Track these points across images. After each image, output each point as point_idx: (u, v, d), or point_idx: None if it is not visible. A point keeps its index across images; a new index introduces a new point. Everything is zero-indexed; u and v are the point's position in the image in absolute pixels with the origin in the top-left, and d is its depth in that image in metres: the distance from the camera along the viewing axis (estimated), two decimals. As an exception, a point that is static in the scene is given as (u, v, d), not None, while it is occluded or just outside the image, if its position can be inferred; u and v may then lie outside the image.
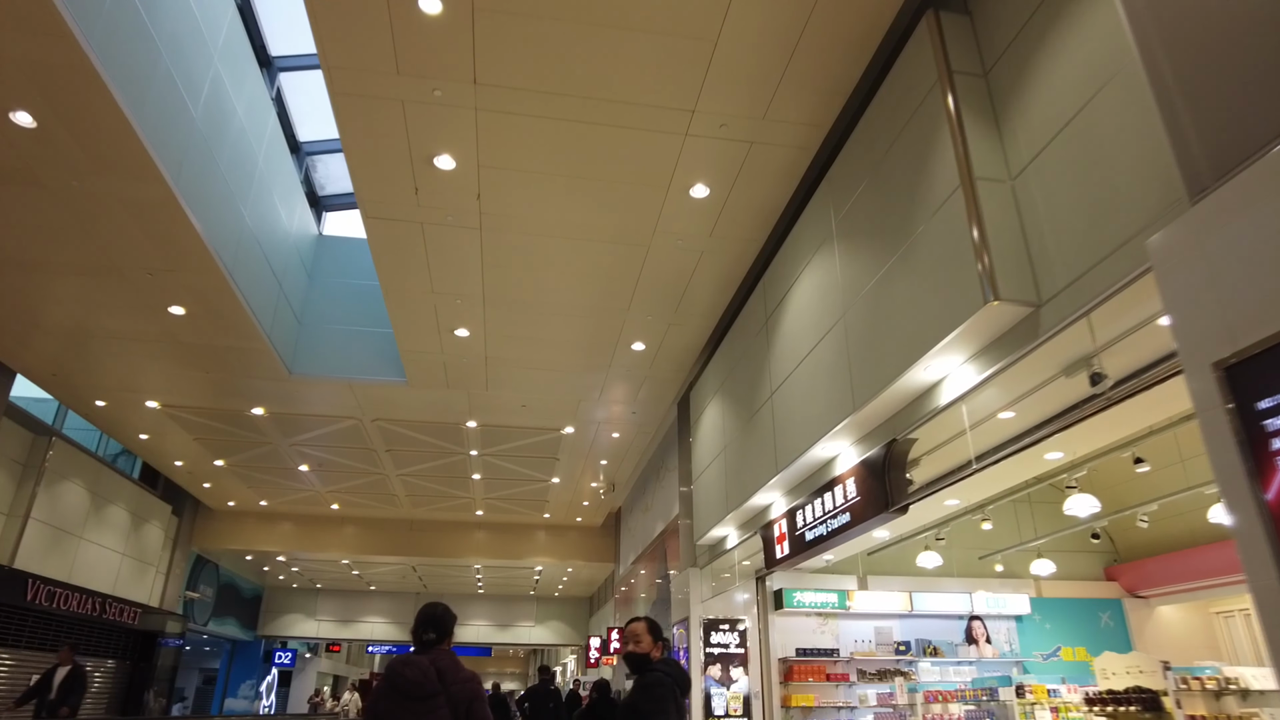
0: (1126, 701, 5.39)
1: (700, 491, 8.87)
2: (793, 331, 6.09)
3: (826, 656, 9.18)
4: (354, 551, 17.06)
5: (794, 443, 5.95)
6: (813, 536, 5.98)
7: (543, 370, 9.49)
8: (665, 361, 9.18)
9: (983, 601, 9.69)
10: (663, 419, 11.37)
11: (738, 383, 7.50)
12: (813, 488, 6.09)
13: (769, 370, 6.58)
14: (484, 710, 3.21)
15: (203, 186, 6.74)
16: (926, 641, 9.48)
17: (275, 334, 9.11)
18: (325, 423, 11.26)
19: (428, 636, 3.27)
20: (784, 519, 6.58)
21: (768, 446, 6.50)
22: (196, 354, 9.13)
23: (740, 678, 8.97)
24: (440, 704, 3.10)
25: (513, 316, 8.11)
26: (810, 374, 5.69)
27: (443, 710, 3.09)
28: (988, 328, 3.81)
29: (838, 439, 5.43)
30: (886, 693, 8.41)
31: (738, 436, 7.40)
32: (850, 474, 5.38)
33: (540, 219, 6.46)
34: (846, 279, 5.15)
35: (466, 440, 11.98)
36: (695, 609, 9.16)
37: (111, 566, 12.77)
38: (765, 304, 6.78)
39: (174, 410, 10.84)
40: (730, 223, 6.49)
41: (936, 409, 4.40)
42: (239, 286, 7.87)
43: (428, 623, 3.30)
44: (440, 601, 3.49)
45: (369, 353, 10.05)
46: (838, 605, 9.37)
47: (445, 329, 8.38)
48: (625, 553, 16.41)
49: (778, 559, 6.70)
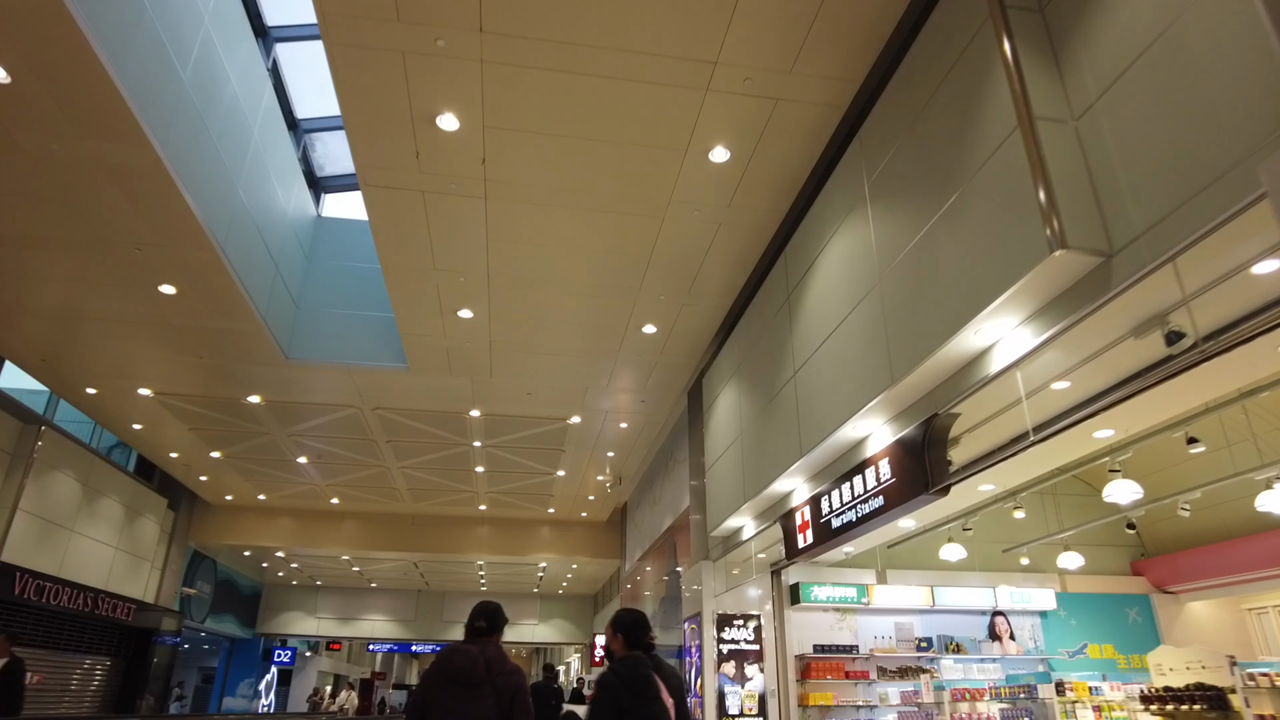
0: (1189, 699, 5.01)
1: (714, 481, 8.50)
2: (818, 305, 5.72)
3: (845, 653, 8.81)
4: (354, 547, 16.70)
5: (820, 424, 5.58)
6: (840, 523, 5.61)
7: (549, 355, 9.12)
8: (677, 346, 8.81)
9: (1006, 596, 9.32)
10: (672, 408, 11.00)
11: (756, 365, 7.13)
12: (839, 472, 5.71)
13: (791, 349, 6.21)
14: (527, 701, 3.31)
15: (193, 155, 6.38)
16: (948, 638, 9.10)
17: (271, 317, 8.75)
18: (324, 411, 10.89)
19: (479, 625, 3.46)
20: (807, 506, 6.21)
21: (790, 429, 6.13)
22: (189, 337, 8.77)
23: (755, 675, 8.61)
24: (487, 692, 3.25)
25: (518, 296, 7.74)
26: (839, 349, 5.32)
27: (488, 699, 3.24)
28: (1050, 283, 3.44)
29: (870, 417, 5.06)
30: (910, 690, 8.03)
31: (756, 421, 7.03)
32: (884, 455, 5.01)
33: (548, 186, 6.09)
34: (882, 243, 4.78)
35: (470, 431, 11.62)
36: (708, 603, 8.79)
37: (104, 561, 12.42)
38: (787, 279, 6.41)
39: (167, 398, 10.48)
40: (751, 190, 6.12)
41: (985, 378, 4.02)
42: (233, 265, 7.51)
43: (482, 615, 3.50)
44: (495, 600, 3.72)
45: (369, 338, 9.69)
46: (856, 600, 9.00)
47: (448, 310, 8.01)
48: (631, 549, 16.05)
49: (800, 549, 6.32)
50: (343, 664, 29.78)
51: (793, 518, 6.53)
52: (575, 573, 19.23)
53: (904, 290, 4.47)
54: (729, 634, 8.69)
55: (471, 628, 3.46)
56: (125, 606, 12.81)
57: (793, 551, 6.49)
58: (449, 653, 3.33)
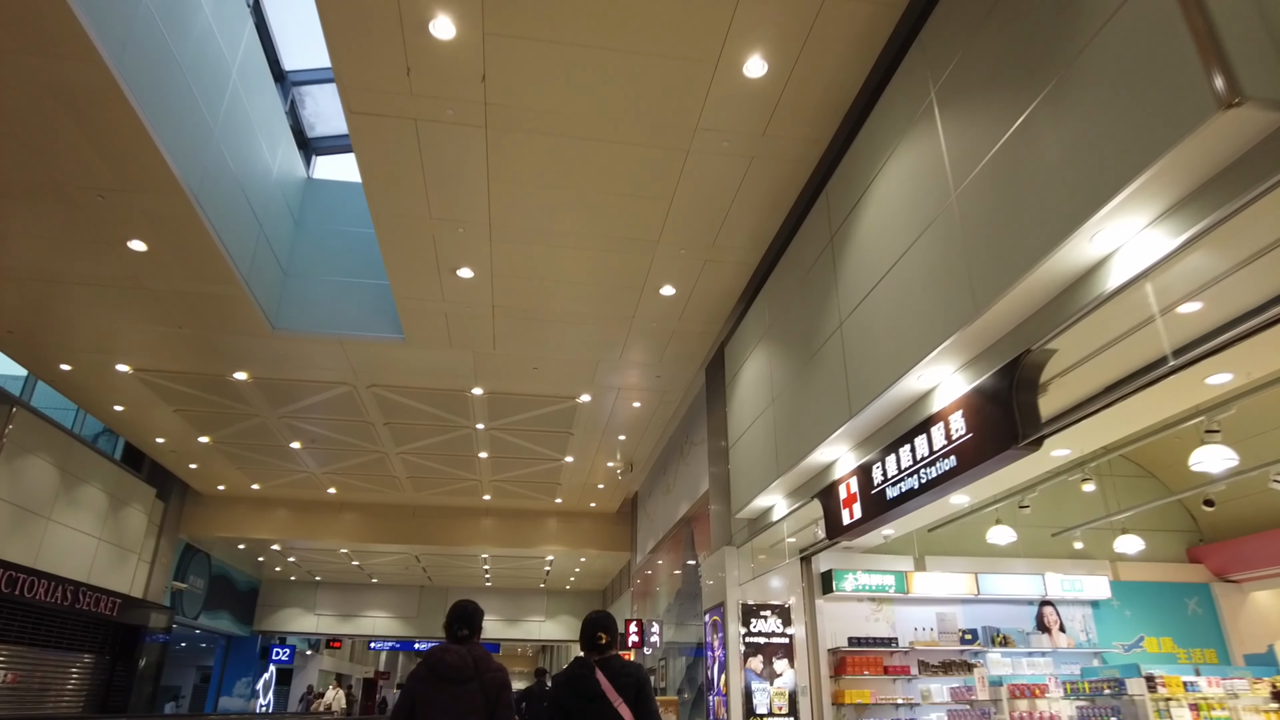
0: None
1: (739, 458, 7.75)
2: (871, 241, 4.97)
3: (883, 646, 8.06)
4: (353, 540, 15.99)
5: (874, 378, 4.82)
6: (896, 493, 4.86)
7: (557, 323, 8.37)
8: (698, 310, 8.05)
9: (1056, 584, 8.55)
10: (689, 386, 10.26)
11: (790, 323, 6.38)
12: (896, 434, 4.95)
13: (836, 297, 5.45)
14: (510, 698, 3.50)
15: (155, 83, 5.65)
16: (994, 629, 8.34)
17: (255, 282, 8.03)
18: (316, 390, 10.17)
19: (461, 633, 3.55)
20: (854, 477, 5.46)
21: (835, 389, 5.38)
22: (167, 303, 8.04)
23: (785, 671, 7.86)
24: (475, 689, 3.43)
25: (523, 252, 7.00)
26: (898, 287, 4.56)
27: (476, 695, 3.42)
28: (1206, 158, 2.68)
29: (939, 364, 4.31)
30: (960, 687, 7.27)
31: (791, 386, 6.28)
32: (956, 407, 4.25)
33: (556, 112, 5.34)
34: (956, 154, 4.02)
35: (472, 411, 10.88)
36: (732, 592, 8.04)
37: (85, 552, 11.72)
38: (829, 219, 5.66)
39: (147, 375, 9.76)
40: (790, 115, 5.36)
41: (1099, 296, 3.26)
42: (208, 217, 6.79)
43: (461, 619, 3.59)
44: (471, 600, 3.77)
45: (362, 307, 8.96)
46: (895, 588, 8.25)
47: (446, 268, 7.27)
48: (643, 540, 15.31)
49: (845, 526, 5.57)
50: (345, 663, 29.08)
51: (835, 492, 5.77)
52: (584, 566, 18.48)
53: (987, 203, 3.71)
54: (755, 626, 7.94)
55: (454, 633, 3.57)
56: (110, 601, 12.11)
57: (836, 530, 5.73)
58: (440, 651, 3.45)
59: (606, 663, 3.53)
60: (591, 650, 3.62)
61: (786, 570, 8.13)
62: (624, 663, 3.60)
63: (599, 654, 3.60)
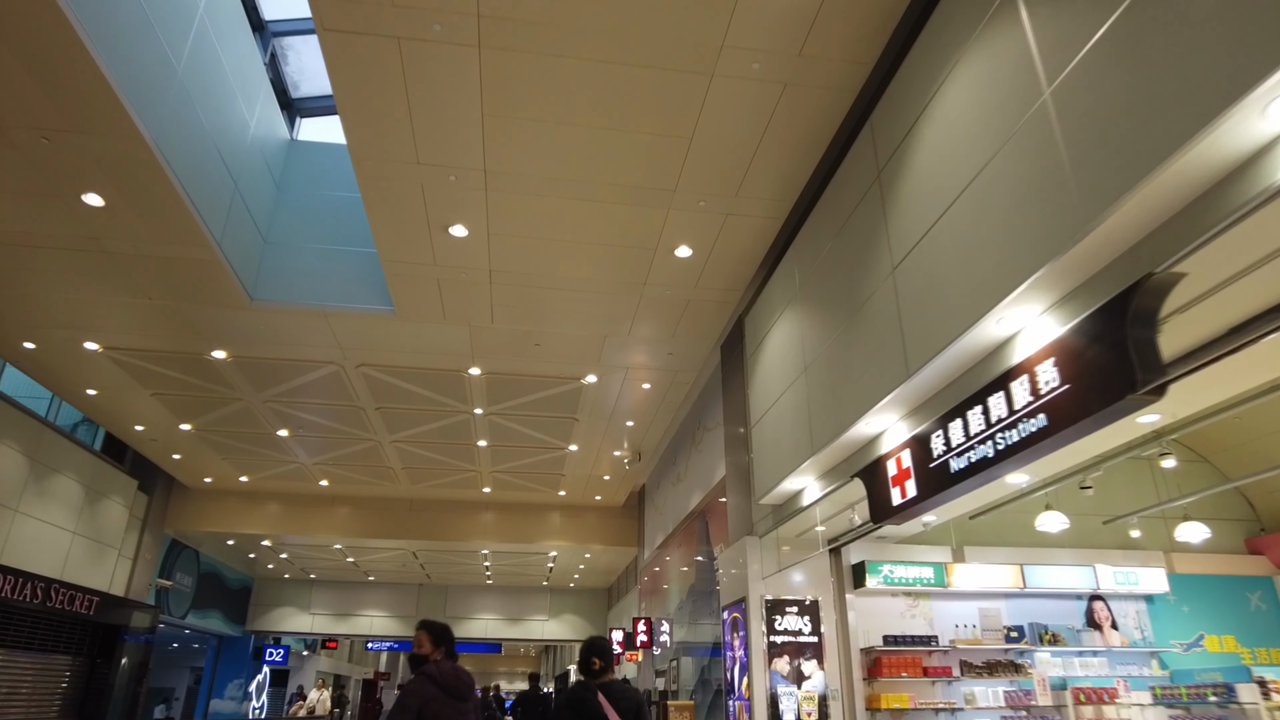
0: None
1: (764, 438, 7.00)
2: (931, 169, 4.23)
3: (922, 645, 7.32)
4: (347, 535, 15.26)
5: (939, 327, 4.08)
6: (962, 465, 4.11)
7: (561, 293, 7.63)
8: (716, 274, 7.30)
9: (1109, 577, 7.80)
10: (702, 366, 9.52)
11: (827, 277, 5.63)
12: (959, 396, 4.21)
13: (885, 240, 4.71)
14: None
15: (101, 3, 4.93)
16: (1041, 626, 7.60)
17: (230, 246, 7.31)
18: (301, 370, 9.44)
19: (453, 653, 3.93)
20: (906, 450, 4.71)
21: (887, 348, 4.64)
22: (132, 270, 7.32)
23: (814, 673, 7.12)
24: (470, 706, 3.78)
25: (522, 203, 6.26)
26: (970, 216, 3.82)
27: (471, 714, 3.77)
28: None
29: (1024, 303, 3.57)
30: (1014, 690, 6.52)
31: (828, 351, 5.54)
32: (1047, 354, 3.51)
33: (560, 23, 4.59)
34: (1050, 40, 3.28)
35: (470, 394, 10.15)
36: (754, 587, 7.29)
37: (59, 547, 11.01)
38: (875, 153, 4.92)
39: (119, 353, 9.04)
40: (830, 29, 4.62)
41: (1266, 191, 2.52)
42: (171, 167, 6.06)
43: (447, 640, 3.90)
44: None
45: (350, 277, 8.23)
46: (934, 581, 7.51)
47: (437, 224, 6.54)
48: (650, 534, 14.58)
49: (895, 507, 4.82)
50: (343, 663, 28.36)
51: (881, 469, 5.02)
52: (588, 563, 17.75)
53: (1099, 89, 2.97)
54: (782, 624, 7.21)
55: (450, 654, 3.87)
56: (86, 599, 11.38)
57: (883, 512, 4.98)
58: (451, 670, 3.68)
59: (608, 686, 3.81)
60: (587, 674, 3.92)
61: (814, 562, 7.40)
62: (624, 686, 3.91)
63: (594, 678, 3.89)
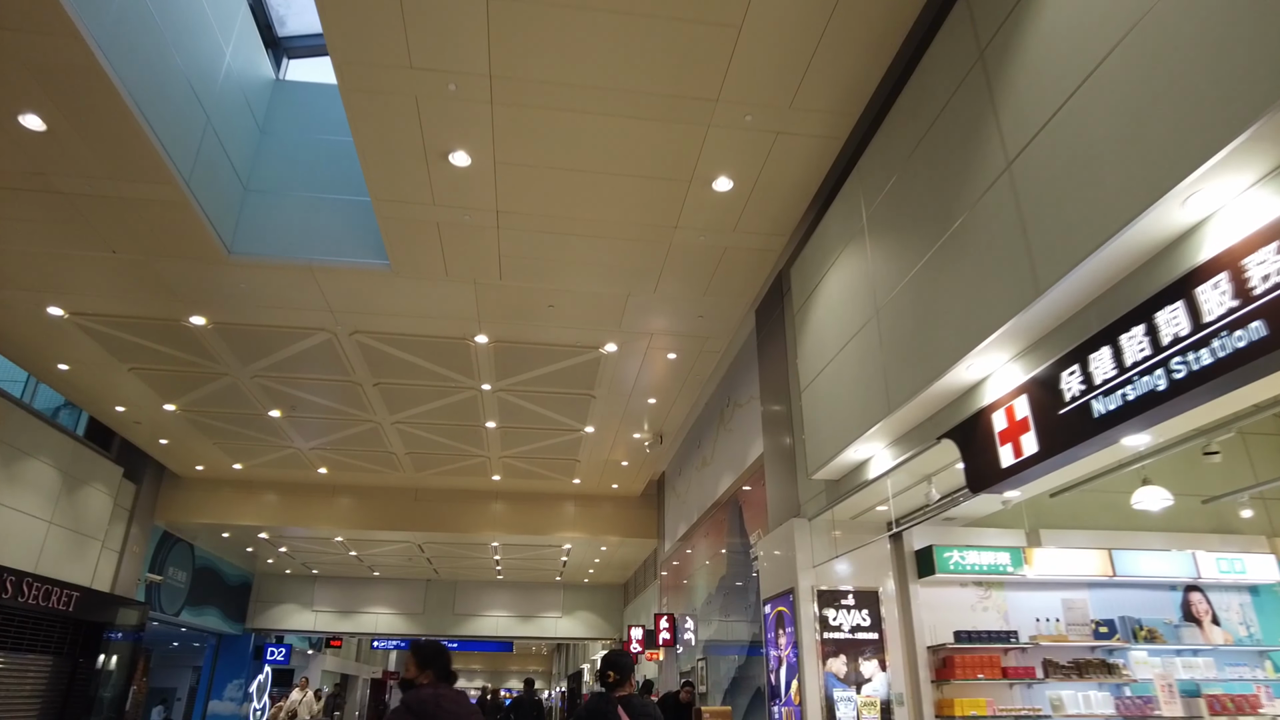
0: None
1: (818, 403, 6.02)
2: (1062, 27, 3.24)
3: (1000, 641, 6.32)
4: (349, 527, 14.36)
5: (1087, 224, 3.09)
6: (1113, 407, 3.12)
7: (579, 237, 6.66)
8: (760, 212, 6.31)
9: (1211, 565, 6.78)
10: (735, 332, 8.55)
11: (908, 196, 4.64)
12: (1103, 320, 3.23)
13: (996, 131, 3.72)
14: None
15: None
16: (1134, 621, 6.61)
17: (203, 188, 6.38)
18: (289, 338, 8.51)
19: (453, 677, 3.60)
20: (1023, 395, 3.72)
21: (1002, 263, 3.65)
22: (89, 215, 6.40)
23: (875, 674, 6.17)
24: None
25: (535, 120, 5.29)
26: (1136, 68, 2.84)
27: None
28: None
29: (1231, 170, 2.59)
30: (1128, 698, 5.53)
31: (909, 285, 4.55)
32: (1263, 239, 2.53)
33: None
34: None
35: (476, 366, 9.20)
36: (803, 576, 6.33)
37: (31, 537, 10.13)
38: (975, 29, 3.93)
39: (87, 319, 8.13)
40: None
41: None
42: (123, 81, 5.13)
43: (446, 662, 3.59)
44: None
45: (340, 229, 7.30)
46: (1011, 568, 6.52)
47: (435, 151, 5.58)
48: (672, 525, 13.61)
49: (1005, 469, 3.83)
50: (350, 663, 27.55)
51: (985, 424, 4.04)
52: (604, 556, 16.79)
53: None
54: (836, 618, 6.26)
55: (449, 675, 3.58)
56: (64, 594, 10.50)
57: (988, 476, 3.99)
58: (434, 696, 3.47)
59: (627, 700, 3.75)
60: (605, 687, 3.87)
61: (871, 549, 6.44)
62: (643, 701, 3.84)
63: (611, 690, 3.83)
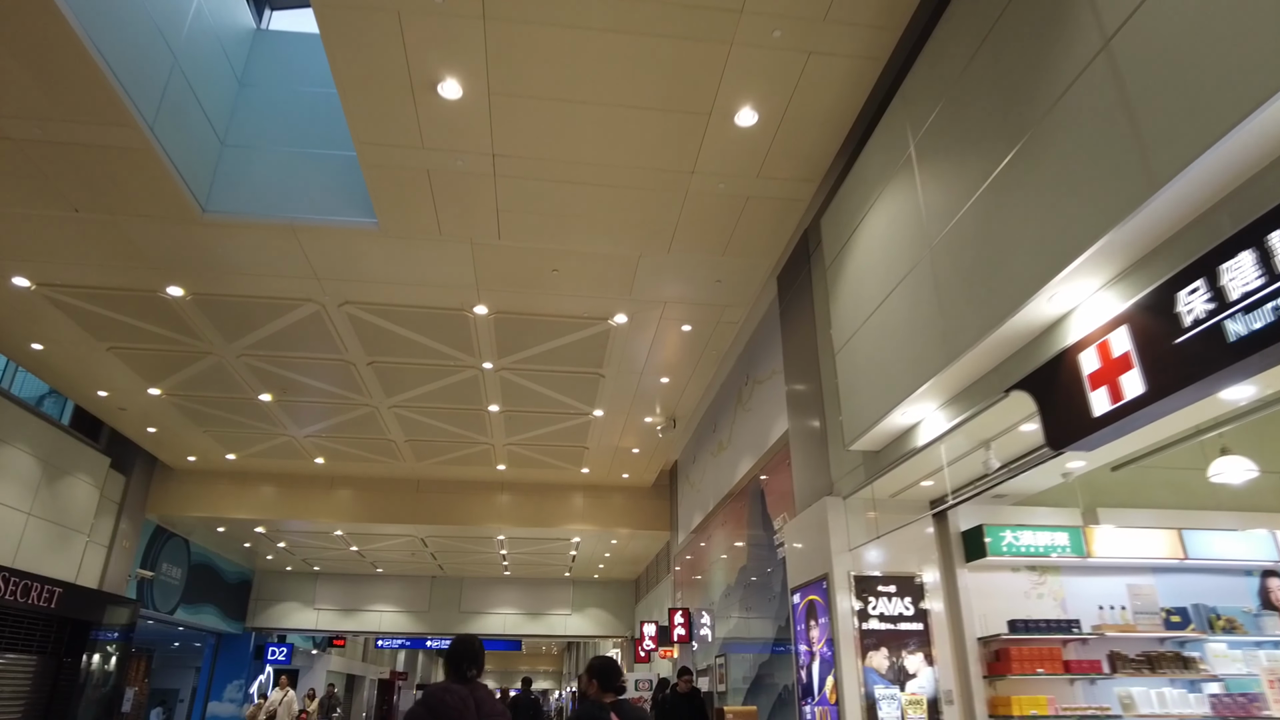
0: None
1: (857, 362, 5.36)
2: None
3: (1060, 631, 5.66)
4: (349, 519, 13.77)
5: (1221, 95, 2.44)
6: (1263, 324, 2.46)
7: (585, 185, 6.02)
8: (787, 154, 5.65)
9: (1292, 546, 6.09)
10: (755, 301, 7.91)
11: (969, 104, 3.95)
12: (1238, 223, 2.57)
13: (1090, 4, 3.07)
14: None
15: None
16: (1209, 608, 5.93)
17: (171, 136, 5.78)
18: (274, 310, 7.91)
19: (470, 672, 3.32)
20: (1123, 325, 3.07)
21: (1099, 162, 2.99)
22: (45, 165, 5.80)
23: (920, 669, 5.52)
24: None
25: (534, 39, 4.65)
26: None
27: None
28: None
29: None
30: (1225, 698, 4.87)
31: (972, 211, 3.89)
32: None
33: None
34: None
35: (476, 341, 8.58)
36: (839, 561, 5.68)
37: (9, 530, 9.57)
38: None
39: (56, 291, 7.55)
40: None
41: None
42: (67, 4, 4.53)
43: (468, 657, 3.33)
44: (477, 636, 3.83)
45: (324, 185, 6.69)
46: (1069, 550, 5.85)
47: (423, 82, 4.95)
48: (685, 516, 12.97)
49: (1098, 419, 3.17)
50: (356, 662, 27.00)
51: (1070, 367, 3.38)
52: (615, 550, 16.16)
53: None
54: (876, 607, 5.60)
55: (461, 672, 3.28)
56: (45, 590, 9.94)
57: (1076, 428, 3.33)
58: (441, 691, 3.18)
59: (619, 705, 3.66)
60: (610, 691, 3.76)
61: (911, 531, 5.79)
62: (634, 708, 3.76)
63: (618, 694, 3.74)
